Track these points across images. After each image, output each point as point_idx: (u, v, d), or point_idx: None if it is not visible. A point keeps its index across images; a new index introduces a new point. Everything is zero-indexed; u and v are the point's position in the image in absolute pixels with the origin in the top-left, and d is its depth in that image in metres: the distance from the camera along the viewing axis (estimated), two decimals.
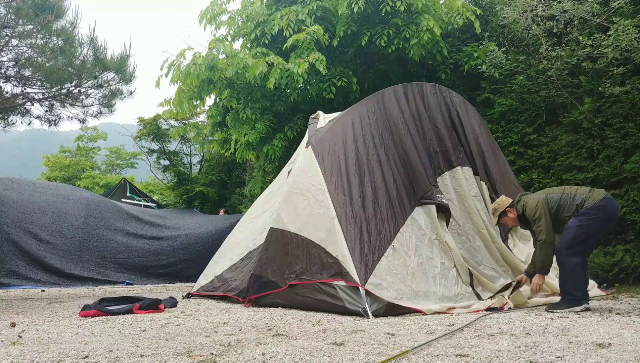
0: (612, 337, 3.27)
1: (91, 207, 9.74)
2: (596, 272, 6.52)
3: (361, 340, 3.23)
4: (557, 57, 7.40)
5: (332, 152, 5.44)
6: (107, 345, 3.11)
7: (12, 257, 8.42)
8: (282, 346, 3.04)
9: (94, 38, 6.09)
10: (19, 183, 9.89)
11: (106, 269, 9.06)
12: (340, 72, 8.65)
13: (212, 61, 8.43)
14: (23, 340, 3.41)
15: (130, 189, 15.95)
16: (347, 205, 4.99)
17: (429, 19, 8.08)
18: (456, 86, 8.53)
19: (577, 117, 7.39)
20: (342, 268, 4.59)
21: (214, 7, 9.24)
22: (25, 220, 8.86)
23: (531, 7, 7.52)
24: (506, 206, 4.94)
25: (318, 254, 4.84)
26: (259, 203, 6.86)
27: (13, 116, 6.51)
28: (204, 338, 3.38)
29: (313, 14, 8.68)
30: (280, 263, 5.13)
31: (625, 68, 6.78)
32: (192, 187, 15.76)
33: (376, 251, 4.69)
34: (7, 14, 5.59)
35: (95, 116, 6.85)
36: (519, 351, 2.87)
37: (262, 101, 9.12)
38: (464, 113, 6.15)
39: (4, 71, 6.00)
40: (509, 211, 4.94)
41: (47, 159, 26.60)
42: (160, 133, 17.22)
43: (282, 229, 5.27)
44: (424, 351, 2.89)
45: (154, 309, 4.95)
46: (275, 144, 8.96)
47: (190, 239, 10.07)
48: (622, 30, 6.30)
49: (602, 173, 7.06)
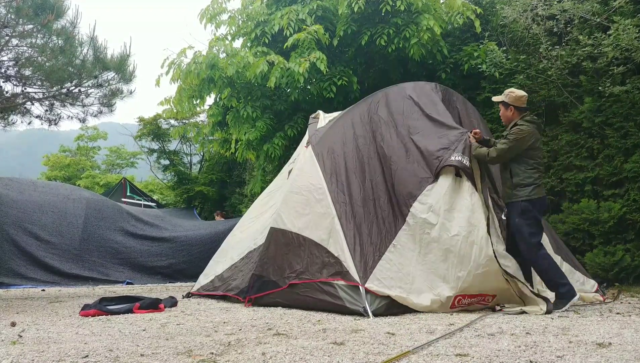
0: (612, 337, 3.27)
1: (91, 207, 9.74)
2: (596, 272, 6.52)
3: (361, 339, 3.23)
4: (557, 56, 7.40)
5: (332, 151, 5.43)
6: (107, 345, 3.11)
7: (12, 257, 8.42)
8: (282, 345, 3.04)
9: (94, 38, 6.09)
10: (19, 183, 9.90)
11: (106, 268, 9.06)
12: (341, 71, 8.65)
13: (213, 59, 8.44)
14: (23, 339, 3.41)
15: (130, 189, 15.98)
16: (347, 204, 4.99)
17: (429, 19, 8.08)
18: (456, 86, 8.52)
19: (577, 117, 7.39)
20: (342, 267, 4.59)
21: (214, 5, 9.24)
22: (25, 220, 8.87)
23: (531, 6, 7.52)
24: (517, 102, 4.89)
25: (319, 253, 4.84)
26: (259, 202, 6.87)
27: (13, 116, 6.51)
28: (204, 337, 3.38)
29: (313, 14, 8.68)
30: (280, 262, 5.13)
31: (625, 67, 6.78)
32: (192, 187, 15.77)
33: (377, 250, 4.67)
34: (7, 13, 5.59)
35: (96, 116, 6.86)
36: (519, 351, 2.87)
37: (262, 100, 9.13)
38: (464, 112, 6.14)
39: (4, 70, 6.01)
40: (512, 111, 4.91)
41: (47, 159, 26.63)
42: (161, 133, 17.23)
43: (283, 229, 5.26)
44: (424, 351, 2.89)
45: (154, 309, 4.95)
46: (276, 143, 8.96)
47: (189, 240, 10.08)
48: (622, 30, 6.30)
49: (602, 172, 7.06)
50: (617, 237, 6.81)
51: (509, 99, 4.90)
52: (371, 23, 8.50)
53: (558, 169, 7.49)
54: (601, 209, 6.80)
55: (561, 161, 7.47)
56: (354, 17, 8.45)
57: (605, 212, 6.74)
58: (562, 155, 7.48)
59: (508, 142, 4.72)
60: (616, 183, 7.00)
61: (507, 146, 4.70)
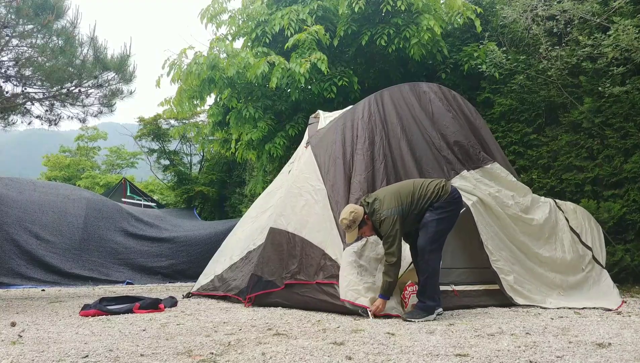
0: (612, 337, 3.27)
1: (91, 206, 9.75)
2: None
3: (361, 339, 3.23)
4: (557, 57, 7.40)
5: (331, 152, 5.39)
6: (107, 345, 3.11)
7: (13, 256, 8.42)
8: (282, 345, 3.04)
9: (94, 38, 6.09)
10: (19, 183, 9.90)
11: (106, 268, 9.06)
12: (341, 71, 8.65)
13: (214, 60, 8.44)
14: (23, 339, 3.41)
15: (130, 189, 15.98)
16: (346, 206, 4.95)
17: (430, 19, 8.08)
18: (456, 86, 8.52)
19: (577, 117, 7.40)
20: (339, 270, 4.57)
21: (215, 5, 9.24)
22: (25, 219, 8.87)
23: (531, 6, 7.52)
24: (363, 215, 4.31)
25: (316, 255, 4.83)
26: (259, 202, 6.86)
27: (13, 116, 6.51)
28: (204, 337, 3.38)
29: (314, 14, 8.68)
30: (278, 263, 5.14)
31: (625, 68, 6.78)
32: (192, 187, 15.77)
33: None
34: (7, 13, 5.59)
35: (96, 116, 6.86)
36: (518, 351, 2.87)
37: (263, 100, 9.14)
38: (467, 113, 6.13)
39: (5, 70, 6.01)
40: (367, 219, 4.33)
41: (47, 159, 26.63)
42: (161, 133, 17.23)
43: (281, 229, 5.26)
44: (424, 350, 2.89)
45: (154, 309, 4.95)
46: (277, 143, 8.97)
47: (189, 240, 10.09)
48: (622, 30, 6.30)
49: (602, 172, 7.06)
50: (617, 237, 6.81)
51: (359, 217, 4.29)
52: (371, 23, 8.51)
53: (558, 170, 7.49)
54: (601, 210, 6.79)
55: (561, 161, 7.47)
56: (355, 17, 8.45)
57: (605, 212, 6.74)
58: (561, 155, 7.48)
59: (392, 244, 4.16)
60: (616, 184, 7.00)
61: (396, 247, 4.15)
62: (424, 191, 4.32)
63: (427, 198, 4.28)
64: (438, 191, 4.30)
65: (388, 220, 4.19)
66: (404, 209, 4.25)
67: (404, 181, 4.71)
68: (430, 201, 4.27)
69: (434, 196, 4.28)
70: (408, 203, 4.27)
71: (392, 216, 4.19)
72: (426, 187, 4.35)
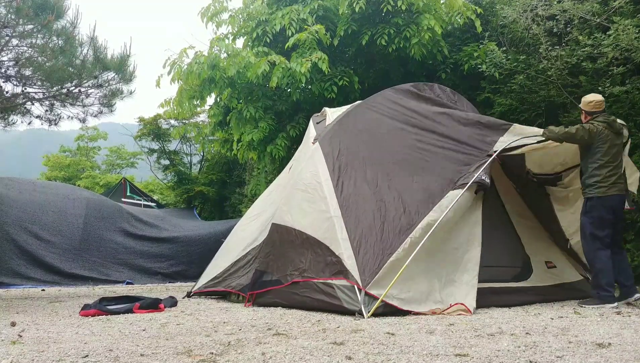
0: (612, 337, 3.27)
1: (91, 206, 9.75)
2: None
3: (361, 339, 3.23)
4: (557, 57, 7.40)
5: (340, 149, 5.33)
6: (107, 345, 3.11)
7: (12, 256, 8.42)
8: (282, 345, 3.04)
9: (94, 38, 6.09)
10: (19, 183, 9.90)
11: (106, 268, 9.07)
12: (342, 71, 8.65)
13: (214, 59, 8.44)
14: (23, 339, 3.41)
15: (130, 189, 15.97)
16: (353, 203, 4.89)
17: (430, 18, 8.09)
18: (456, 86, 8.52)
19: (577, 117, 7.37)
20: (343, 266, 4.52)
21: (216, 4, 9.24)
22: (25, 219, 8.87)
23: (531, 6, 7.52)
24: (586, 108, 5.03)
25: (322, 252, 4.78)
26: (261, 200, 6.85)
27: (13, 116, 6.51)
28: (204, 337, 3.38)
29: (314, 13, 8.69)
30: (283, 259, 5.08)
31: (625, 68, 6.77)
32: (192, 187, 15.77)
33: (384, 251, 4.52)
34: (7, 13, 5.59)
35: (96, 116, 6.86)
36: (518, 351, 2.87)
37: (263, 100, 9.13)
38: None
39: (5, 70, 6.01)
40: (583, 114, 5.08)
41: (47, 159, 26.62)
42: (161, 133, 17.23)
43: (286, 225, 5.20)
44: (424, 350, 2.89)
45: (154, 308, 4.95)
46: (279, 144, 8.97)
47: (189, 240, 10.10)
48: (622, 30, 6.30)
49: None
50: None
51: (581, 104, 5.09)
52: (372, 23, 8.51)
53: None
54: None
55: None
56: (355, 17, 8.46)
57: None
58: None
59: (570, 130, 4.85)
60: None
61: (568, 133, 4.84)
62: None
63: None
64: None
65: (584, 125, 4.88)
66: (593, 142, 4.84)
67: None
68: (594, 179, 4.84)
69: (596, 183, 4.82)
70: (601, 152, 4.83)
71: (585, 128, 4.82)
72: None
